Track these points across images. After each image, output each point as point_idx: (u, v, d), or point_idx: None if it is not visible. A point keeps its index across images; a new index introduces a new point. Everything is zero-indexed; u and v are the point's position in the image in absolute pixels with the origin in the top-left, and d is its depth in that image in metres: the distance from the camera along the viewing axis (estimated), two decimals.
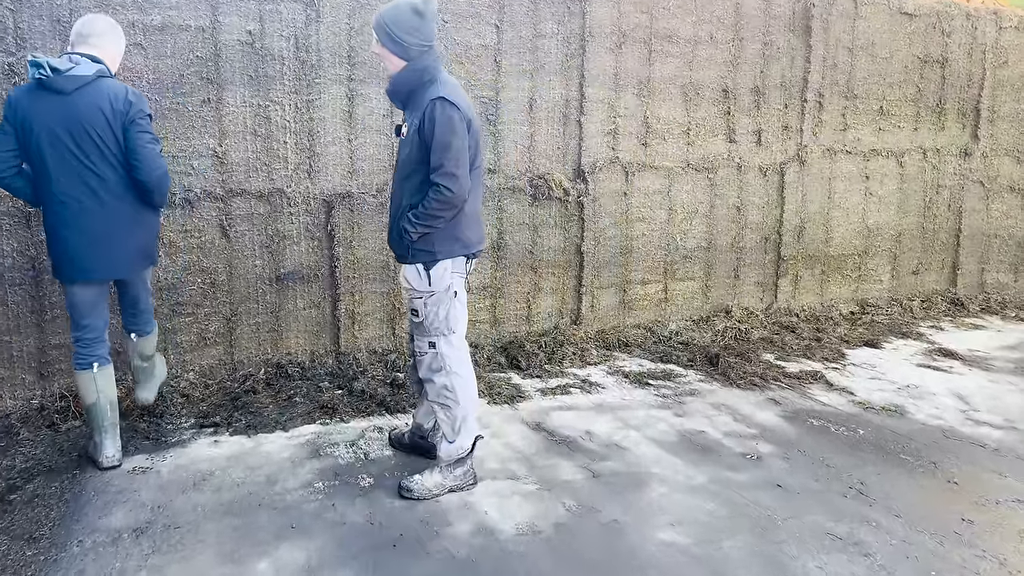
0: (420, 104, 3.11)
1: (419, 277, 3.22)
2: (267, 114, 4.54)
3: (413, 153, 3.14)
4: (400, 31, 3.08)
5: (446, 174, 3.05)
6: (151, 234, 3.61)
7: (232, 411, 4.15)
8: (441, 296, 3.22)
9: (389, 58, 3.17)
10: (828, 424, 4.14)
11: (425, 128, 3.07)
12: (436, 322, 3.24)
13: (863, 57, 6.23)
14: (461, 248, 3.25)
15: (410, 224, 3.14)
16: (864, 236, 6.51)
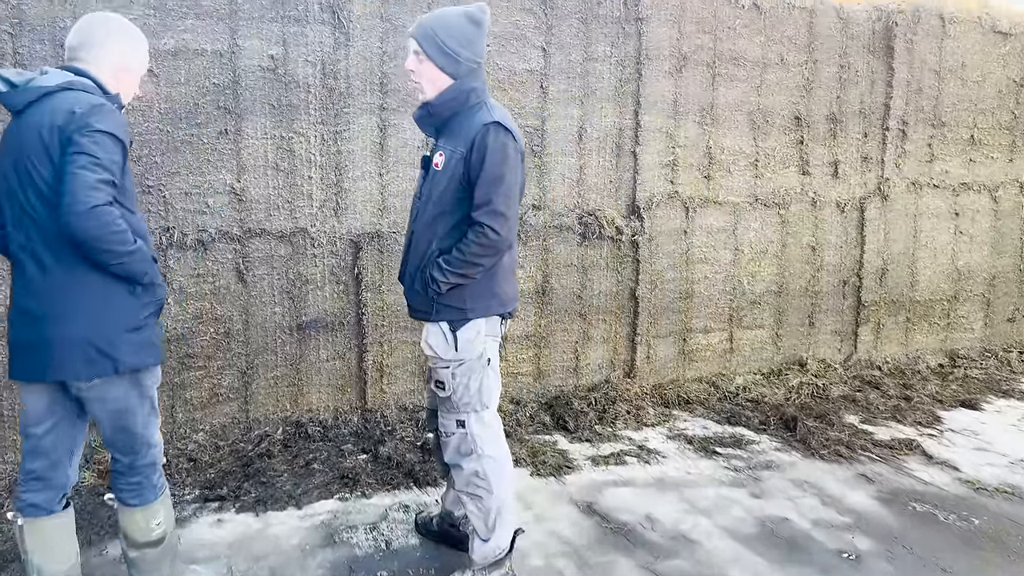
0: (466, 130, 2.59)
1: (445, 342, 2.68)
2: (290, 146, 4.11)
3: (451, 188, 2.61)
4: (452, 42, 2.58)
5: (493, 212, 2.52)
6: (118, 322, 2.32)
7: (242, 480, 3.66)
8: (472, 365, 2.68)
9: (431, 74, 2.63)
10: (934, 510, 3.49)
11: (473, 158, 2.55)
12: (466, 396, 2.70)
13: (951, 81, 5.59)
14: (498, 305, 2.72)
15: (440, 272, 2.57)
16: (954, 279, 5.82)
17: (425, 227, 2.69)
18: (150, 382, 2.47)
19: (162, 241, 3.85)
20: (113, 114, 2.30)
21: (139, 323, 2.37)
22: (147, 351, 2.41)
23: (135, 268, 2.29)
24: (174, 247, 3.90)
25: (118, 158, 2.27)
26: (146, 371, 2.43)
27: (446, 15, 2.63)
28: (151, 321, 2.43)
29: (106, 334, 2.29)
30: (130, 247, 2.24)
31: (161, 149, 3.84)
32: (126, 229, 2.22)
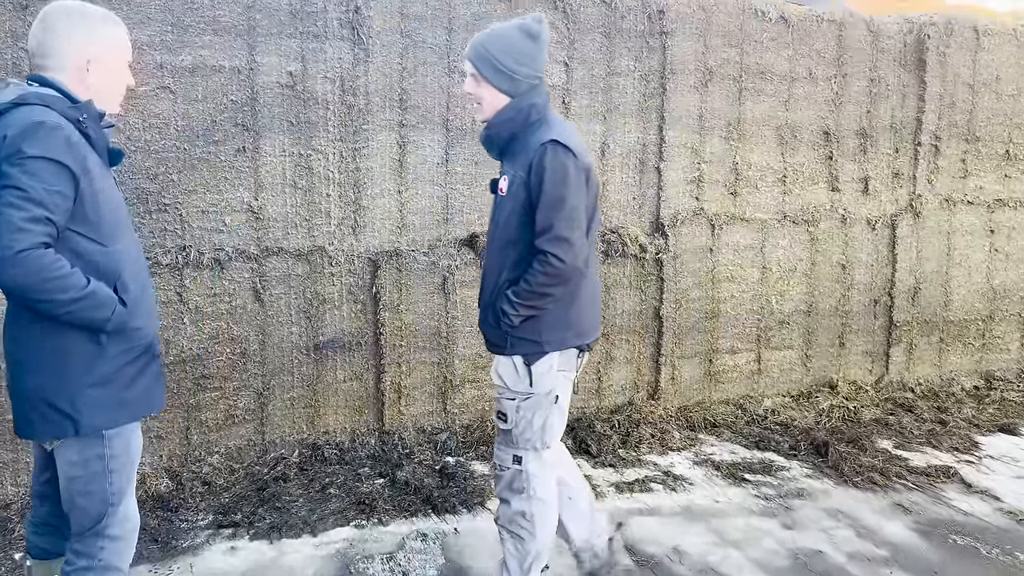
0: (525, 150, 2.46)
1: (516, 374, 2.54)
2: (309, 164, 4.04)
3: (515, 214, 2.47)
4: (509, 60, 2.45)
5: (556, 239, 2.38)
6: (79, 376, 2.01)
7: (257, 505, 3.58)
8: (540, 400, 2.54)
9: (489, 95, 2.51)
10: (976, 543, 3.33)
11: (532, 180, 2.41)
12: (528, 432, 2.56)
13: (986, 94, 5.43)
14: (574, 337, 2.56)
15: (510, 305, 2.45)
16: (989, 298, 5.64)
17: (495, 257, 2.58)
18: (120, 447, 2.11)
19: (178, 260, 3.79)
20: (54, 133, 1.91)
21: (107, 376, 2.04)
22: (118, 409, 2.07)
23: (87, 316, 1.96)
24: (190, 266, 3.83)
25: (61, 186, 1.90)
26: (116, 433, 2.09)
27: (500, 32, 2.50)
28: (128, 371, 2.09)
29: (65, 390, 1.99)
30: (74, 294, 1.91)
31: (178, 167, 3.79)
32: (66, 274, 1.90)
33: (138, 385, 2.12)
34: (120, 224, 2.13)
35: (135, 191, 3.71)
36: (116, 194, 2.16)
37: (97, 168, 2.05)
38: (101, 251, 2.04)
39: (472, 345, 4.42)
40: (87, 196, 1.98)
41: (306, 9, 3.94)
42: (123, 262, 2.09)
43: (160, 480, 3.74)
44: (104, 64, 2.13)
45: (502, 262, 2.53)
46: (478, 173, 4.36)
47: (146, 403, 2.18)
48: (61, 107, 1.99)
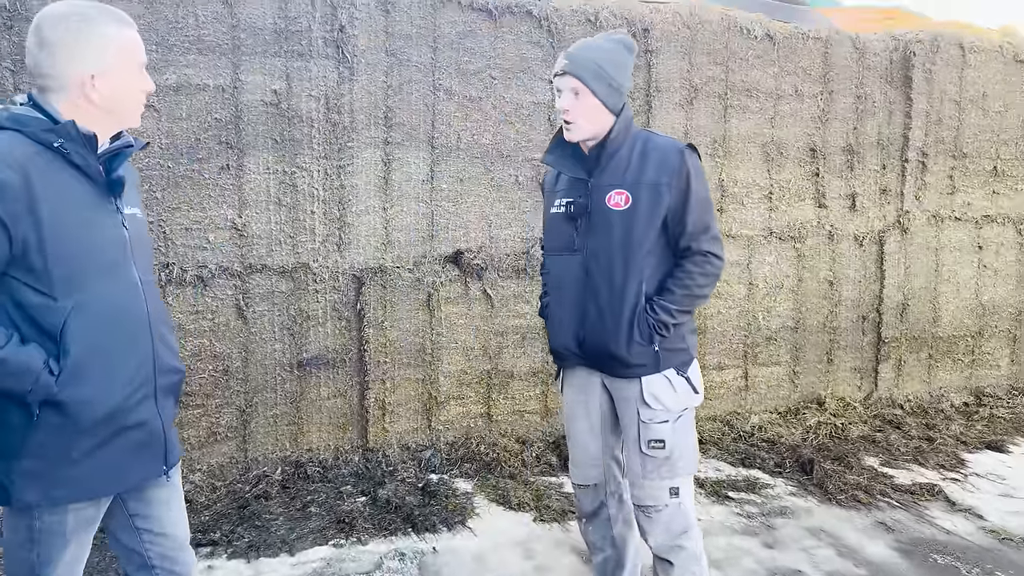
0: (650, 160, 2.37)
1: (673, 390, 2.39)
2: (293, 181, 4.06)
3: (653, 224, 2.36)
4: (618, 73, 2.37)
5: (714, 237, 2.39)
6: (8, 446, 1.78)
7: (237, 524, 3.56)
8: (691, 414, 2.45)
9: (593, 112, 2.37)
10: (956, 562, 3.31)
11: (674, 185, 2.33)
12: (687, 454, 2.40)
13: (972, 111, 5.45)
14: (695, 344, 2.53)
15: (667, 314, 2.33)
16: (978, 315, 5.63)
17: (620, 274, 2.39)
18: (52, 523, 1.82)
19: (161, 277, 3.80)
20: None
21: (42, 449, 1.76)
22: (56, 486, 1.78)
23: (2, 385, 1.70)
24: (173, 283, 3.85)
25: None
26: (51, 510, 1.81)
27: (602, 46, 2.40)
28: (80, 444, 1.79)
29: (3, 456, 1.78)
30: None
31: (162, 184, 3.81)
32: None
33: (91, 462, 1.81)
34: (87, 272, 1.80)
35: None
36: (105, 233, 1.85)
37: (72, 204, 1.77)
38: (45, 305, 1.74)
39: (456, 362, 4.42)
40: (31, 241, 1.70)
41: (290, 28, 3.97)
42: (74, 318, 1.76)
43: None
44: (112, 75, 1.82)
45: (637, 277, 2.37)
46: (463, 190, 4.38)
47: (106, 481, 1.85)
48: (33, 130, 1.73)
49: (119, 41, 1.82)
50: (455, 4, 4.27)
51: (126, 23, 1.86)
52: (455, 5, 4.27)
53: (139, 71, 1.89)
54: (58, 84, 1.78)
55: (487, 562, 3.26)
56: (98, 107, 1.82)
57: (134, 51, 1.87)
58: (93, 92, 1.79)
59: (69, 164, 1.77)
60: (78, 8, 1.79)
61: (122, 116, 1.89)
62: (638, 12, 4.63)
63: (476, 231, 4.43)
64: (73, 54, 1.76)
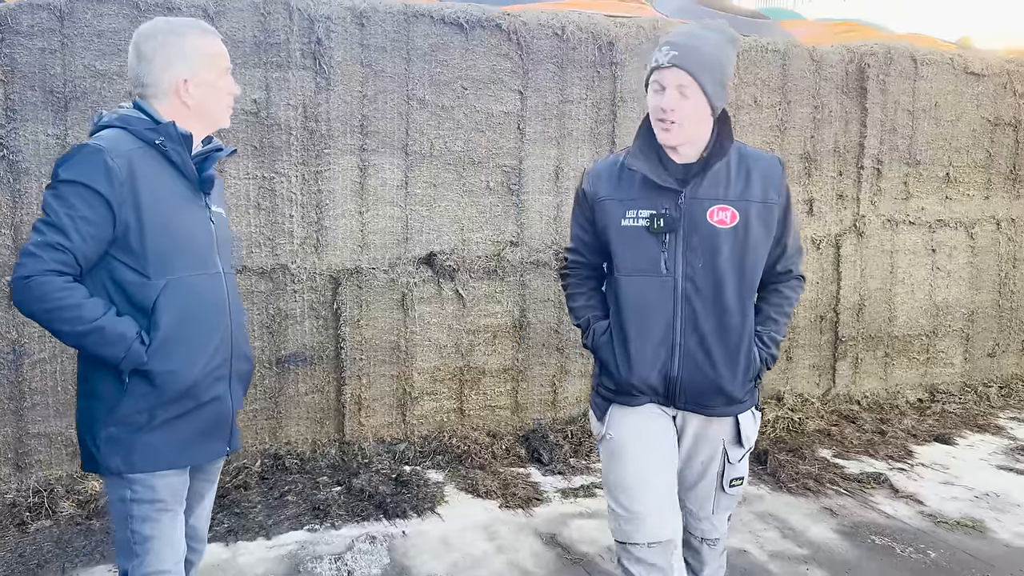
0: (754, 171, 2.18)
1: (754, 424, 2.31)
2: (272, 186, 4.26)
3: (763, 244, 2.18)
4: (731, 69, 2.16)
5: (801, 260, 2.31)
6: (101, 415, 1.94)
7: (217, 511, 3.74)
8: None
9: (699, 112, 2.11)
10: (893, 544, 3.54)
11: (778, 204, 2.17)
12: (745, 482, 2.37)
13: (925, 120, 5.71)
14: None
15: (776, 346, 2.23)
16: (932, 315, 5.88)
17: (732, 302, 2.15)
18: (144, 494, 1.96)
19: None
20: (93, 156, 1.86)
21: (128, 417, 1.93)
22: (138, 454, 1.93)
23: (97, 352, 1.87)
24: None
25: (87, 211, 1.85)
26: (141, 479, 1.95)
27: (712, 39, 2.11)
28: (160, 414, 1.95)
29: (91, 427, 1.96)
30: (79, 327, 1.83)
31: None
32: (71, 305, 1.82)
33: (169, 432, 1.97)
34: (178, 256, 1.98)
35: None
36: (195, 224, 2.04)
37: (168, 195, 1.97)
38: (140, 282, 1.92)
39: (430, 359, 4.62)
40: (131, 224, 1.90)
41: (270, 41, 4.17)
42: (165, 296, 1.93)
43: None
44: (201, 80, 2.03)
45: (741, 306, 2.16)
46: (436, 195, 4.59)
47: (181, 453, 2.00)
48: (138, 128, 1.96)
49: (206, 49, 2.05)
50: (428, 18, 4.49)
51: (211, 33, 2.10)
52: (428, 19, 4.49)
53: (225, 75, 2.10)
54: (158, 91, 2.02)
55: (452, 544, 3.47)
56: (191, 109, 2.04)
57: (219, 57, 2.09)
58: (187, 96, 2.02)
59: (167, 161, 1.98)
60: (169, 24, 2.06)
61: (213, 117, 2.11)
62: (603, 26, 4.86)
63: (448, 234, 4.64)
64: (167, 64, 2.00)
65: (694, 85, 2.05)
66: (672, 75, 2.06)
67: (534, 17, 4.72)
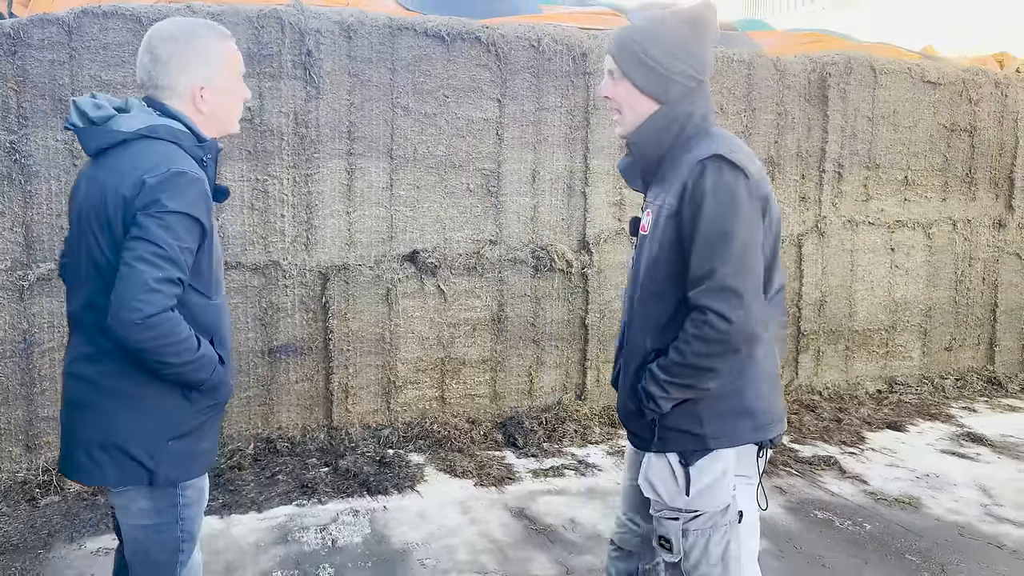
0: (676, 173, 1.92)
1: (674, 481, 1.96)
2: (265, 188, 4.57)
3: (664, 258, 1.93)
4: (659, 52, 1.91)
5: (718, 290, 1.81)
6: (162, 430, 1.94)
7: (212, 489, 4.06)
8: (715, 519, 1.93)
9: (630, 98, 1.97)
10: (833, 517, 3.86)
11: (684, 209, 1.87)
12: (704, 566, 1.94)
13: (884, 126, 6.03)
14: (750, 430, 1.95)
15: (656, 384, 1.90)
16: (891, 311, 6.21)
17: (638, 318, 2.02)
18: (193, 496, 2.05)
19: None
20: (193, 185, 1.83)
21: (188, 430, 1.97)
22: (193, 461, 2.01)
23: (190, 377, 1.90)
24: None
25: (191, 242, 1.84)
26: (188, 484, 2.03)
27: (656, 20, 1.95)
28: (207, 425, 2.03)
29: (146, 442, 1.91)
30: (188, 357, 1.85)
31: None
32: (186, 337, 1.83)
33: (211, 436, 2.08)
34: (221, 274, 2.07)
35: None
36: (218, 242, 2.06)
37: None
38: (204, 304, 1.96)
39: (413, 350, 4.94)
40: (205, 249, 1.91)
41: (263, 52, 4.48)
42: (221, 316, 2.03)
43: None
44: (218, 85, 1.98)
45: (647, 324, 1.97)
46: (419, 196, 4.90)
47: (215, 453, 2.16)
48: (188, 144, 1.92)
49: (222, 53, 2.00)
50: (411, 31, 4.80)
51: (227, 36, 2.03)
52: (411, 32, 4.80)
53: (238, 81, 2.06)
54: (172, 94, 1.95)
55: (429, 517, 3.79)
56: (206, 116, 1.99)
57: (235, 62, 2.05)
58: (202, 103, 1.97)
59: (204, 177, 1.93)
60: (185, 26, 1.98)
61: (225, 123, 2.06)
62: (577, 38, 5.18)
63: (431, 233, 4.95)
64: (186, 68, 1.94)
65: (617, 68, 1.97)
66: (607, 60, 2.01)
67: (512, 30, 5.04)
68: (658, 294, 1.94)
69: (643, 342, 1.98)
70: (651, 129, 1.97)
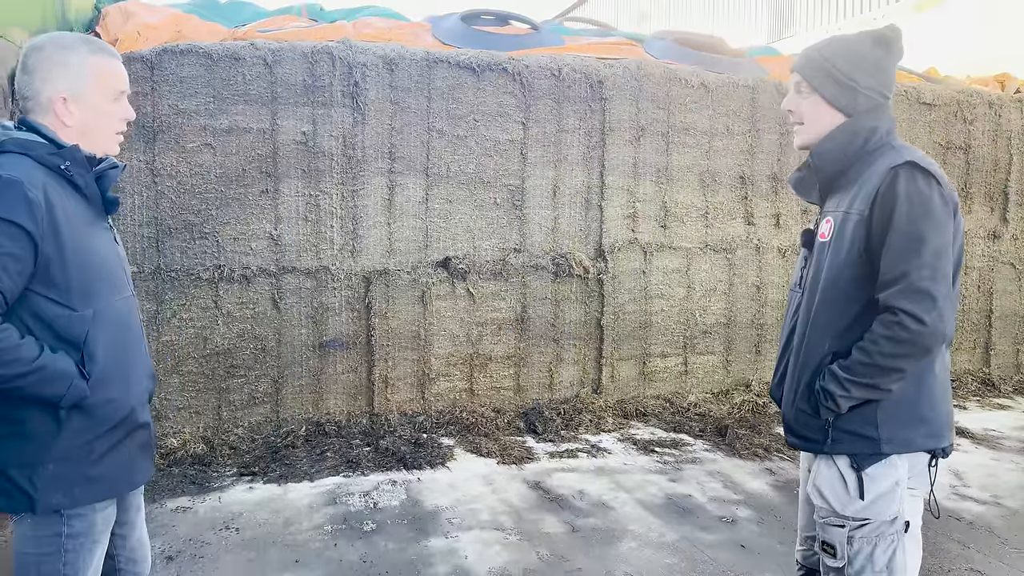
0: (864, 182, 1.97)
1: (844, 487, 1.97)
2: (317, 202, 5.21)
3: (848, 264, 1.97)
4: (848, 66, 2.02)
5: (913, 292, 1.84)
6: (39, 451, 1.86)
7: (270, 462, 4.70)
8: (882, 529, 1.95)
9: (817, 111, 2.07)
10: None
11: (876, 215, 1.91)
12: (867, 573, 1.95)
13: None
14: (924, 437, 1.96)
15: (837, 383, 1.93)
16: None
17: (813, 323, 2.04)
18: (81, 527, 1.92)
19: (215, 276, 4.97)
20: (8, 190, 1.74)
21: (68, 452, 1.86)
22: (81, 487, 1.88)
23: (37, 392, 1.79)
24: (224, 280, 5.01)
25: (12, 247, 1.74)
26: (78, 513, 1.91)
27: (841, 38, 2.08)
28: (98, 446, 1.91)
29: (23, 464, 1.84)
30: (20, 368, 1.74)
31: (216, 204, 4.98)
32: (11, 347, 1.73)
33: (110, 461, 1.94)
34: (99, 283, 1.92)
35: (184, 223, 4.90)
36: (106, 249, 1.97)
37: (79, 221, 1.88)
38: (66, 315, 1.85)
39: (445, 346, 5.54)
40: (52, 256, 1.81)
41: (316, 84, 5.14)
42: (95, 327, 1.89)
43: (197, 445, 4.86)
44: (84, 100, 1.90)
45: (825, 329, 2.00)
46: (452, 209, 5.51)
47: (121, 480, 1.99)
48: (40, 153, 1.84)
49: (92, 67, 1.91)
50: (446, 63, 5.42)
51: (105, 52, 1.95)
52: (446, 64, 5.42)
53: (114, 98, 1.96)
54: (37, 106, 1.90)
55: (457, 487, 4.36)
56: (71, 129, 1.90)
57: (108, 78, 1.94)
58: (66, 115, 1.89)
59: (70, 184, 1.88)
60: (57, 38, 1.92)
61: (96, 140, 1.94)
62: (594, 67, 5.76)
63: (462, 242, 5.55)
64: (47, 77, 1.87)
65: (805, 83, 2.08)
66: (793, 76, 2.14)
67: (535, 60, 5.64)
68: (840, 298, 1.98)
69: (821, 345, 2.00)
70: (835, 141, 2.04)
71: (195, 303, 4.97)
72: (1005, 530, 3.89)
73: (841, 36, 2.09)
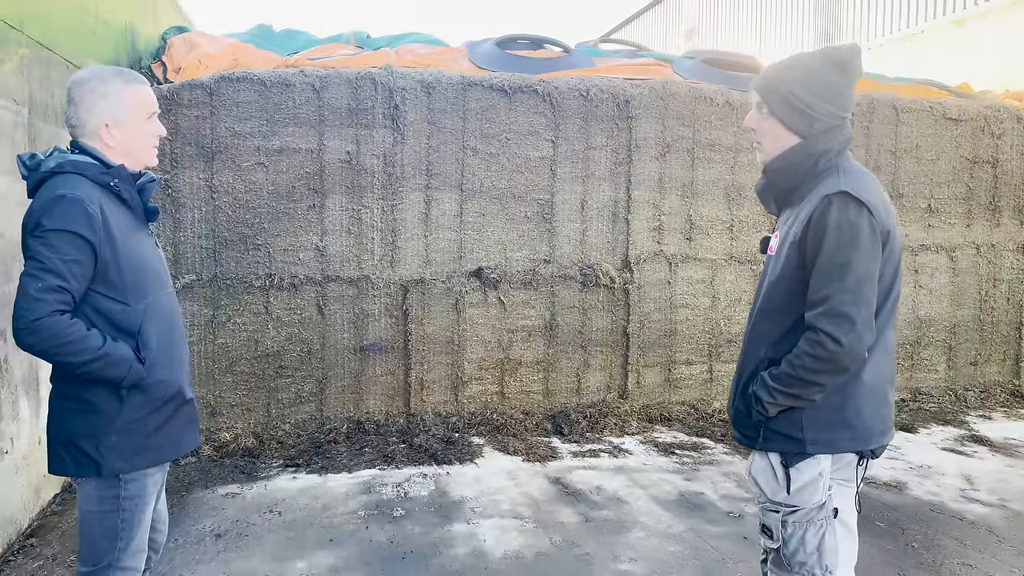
0: (806, 204, 2.12)
1: (774, 479, 2.19)
2: (359, 216, 5.62)
3: (785, 279, 2.15)
4: (808, 93, 2.12)
5: (832, 315, 2.01)
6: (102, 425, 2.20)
7: (313, 456, 5.09)
8: (811, 514, 2.14)
9: (774, 133, 2.20)
10: None
11: (808, 238, 2.07)
12: (801, 554, 2.15)
13: (907, 159, 6.64)
14: (849, 440, 2.14)
15: (765, 389, 2.13)
16: (916, 327, 6.76)
17: (752, 330, 2.26)
18: (135, 490, 2.26)
19: (266, 283, 5.40)
20: (71, 206, 2.08)
21: (128, 425, 2.21)
22: (139, 455, 2.24)
23: (102, 375, 2.14)
24: (274, 288, 5.44)
25: (77, 254, 2.08)
26: (133, 478, 2.25)
27: (800, 60, 2.16)
28: (152, 420, 2.25)
29: (91, 436, 2.19)
30: (88, 355, 2.09)
31: (268, 218, 5.42)
32: (79, 338, 2.07)
33: (162, 432, 2.28)
34: (148, 282, 2.27)
35: (239, 235, 5.35)
36: (150, 252, 2.32)
37: (127, 229, 2.22)
38: (122, 309, 2.20)
39: (477, 351, 5.87)
40: (109, 260, 2.16)
41: (360, 107, 5.55)
42: (146, 319, 2.24)
43: (248, 439, 5.28)
44: (124, 124, 2.26)
45: (764, 335, 2.19)
46: (484, 222, 5.86)
47: (171, 448, 2.33)
48: (93, 173, 2.18)
49: (127, 96, 2.27)
50: (480, 86, 5.79)
51: (136, 80, 2.31)
52: (480, 87, 5.79)
53: (148, 119, 2.33)
54: (85, 132, 2.25)
55: (482, 480, 4.68)
56: (115, 149, 2.26)
57: (140, 103, 2.31)
58: (109, 138, 2.25)
59: (118, 198, 2.23)
60: (96, 72, 2.28)
61: (137, 156, 2.31)
62: (621, 87, 6.06)
63: (494, 253, 5.89)
64: (91, 108, 2.23)
65: (765, 105, 2.20)
66: (753, 95, 2.25)
67: (564, 82, 5.97)
68: (777, 310, 2.17)
69: (759, 351, 2.20)
70: (788, 161, 2.17)
71: (248, 309, 5.40)
72: (1005, 530, 4.03)
73: (801, 60, 2.17)
